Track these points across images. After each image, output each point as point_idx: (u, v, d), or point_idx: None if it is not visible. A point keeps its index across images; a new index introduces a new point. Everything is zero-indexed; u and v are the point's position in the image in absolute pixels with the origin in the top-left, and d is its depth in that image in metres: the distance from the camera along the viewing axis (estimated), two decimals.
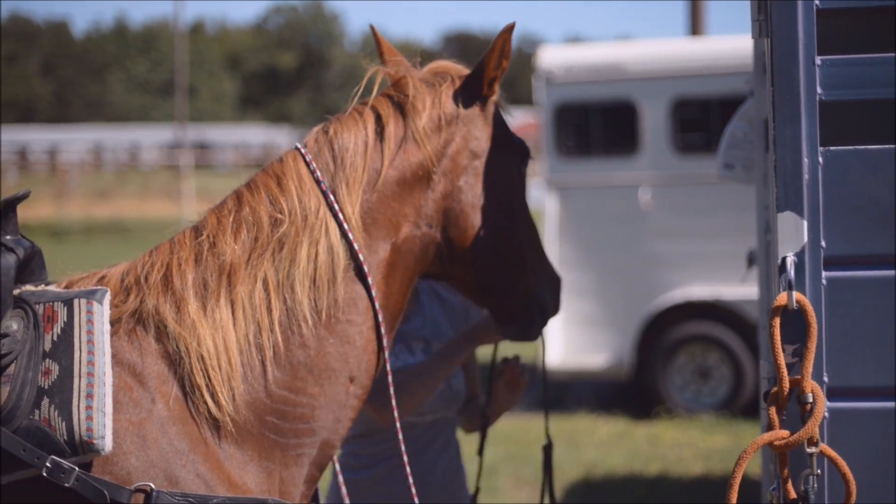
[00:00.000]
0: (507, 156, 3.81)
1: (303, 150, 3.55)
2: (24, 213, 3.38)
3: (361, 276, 3.48)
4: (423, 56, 3.89)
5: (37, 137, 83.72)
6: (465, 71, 3.79)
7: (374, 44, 3.94)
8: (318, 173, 3.49)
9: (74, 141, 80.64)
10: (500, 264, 3.78)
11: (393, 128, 3.59)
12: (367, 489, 4.53)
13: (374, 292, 3.49)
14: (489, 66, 3.69)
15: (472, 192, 3.69)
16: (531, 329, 3.97)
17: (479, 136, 3.72)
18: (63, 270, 3.52)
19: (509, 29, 3.64)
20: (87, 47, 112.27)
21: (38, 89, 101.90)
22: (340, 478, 3.97)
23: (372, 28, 3.96)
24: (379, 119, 3.60)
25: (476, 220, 3.69)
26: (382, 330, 3.53)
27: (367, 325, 3.50)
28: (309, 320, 3.39)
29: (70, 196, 44.67)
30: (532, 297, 3.90)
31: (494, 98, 3.80)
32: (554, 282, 3.99)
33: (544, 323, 3.99)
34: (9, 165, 57.98)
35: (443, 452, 4.70)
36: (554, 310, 4.01)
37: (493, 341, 4.39)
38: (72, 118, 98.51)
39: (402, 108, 3.63)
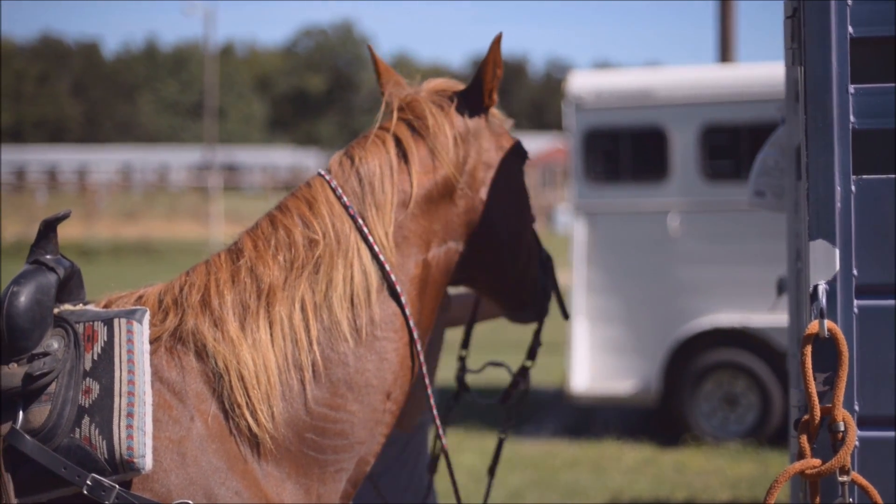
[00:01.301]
0: (512, 158, 3.95)
1: (327, 177, 3.64)
2: None
3: (395, 294, 3.56)
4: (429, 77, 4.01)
5: (66, 157, 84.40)
6: (461, 86, 3.92)
7: (372, 63, 4.03)
8: (345, 199, 3.58)
9: (104, 161, 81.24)
10: (516, 262, 3.97)
11: (415, 151, 3.71)
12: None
13: (408, 310, 3.57)
14: (486, 79, 3.83)
15: (491, 202, 3.82)
16: (542, 311, 4.21)
17: (488, 146, 3.86)
18: (93, 290, 3.54)
19: (497, 40, 3.78)
20: (118, 68, 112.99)
21: (68, 110, 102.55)
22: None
23: (369, 48, 4.05)
24: (399, 143, 3.71)
25: (496, 227, 3.84)
26: (419, 346, 3.62)
27: (402, 342, 3.57)
28: (348, 339, 3.46)
29: (99, 216, 44.83)
30: (538, 284, 4.12)
31: (494, 107, 3.94)
32: (548, 261, 4.19)
33: (548, 301, 4.21)
34: (38, 185, 58.30)
35: (426, 456, 4.74)
36: (553, 288, 4.22)
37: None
38: (101, 139, 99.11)
39: (419, 132, 3.74)
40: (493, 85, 3.84)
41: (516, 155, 3.96)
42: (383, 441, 3.61)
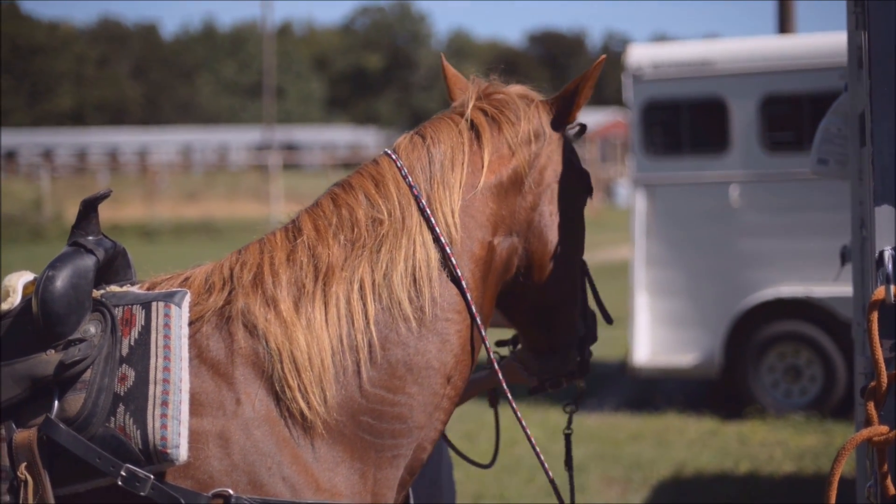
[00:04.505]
0: (578, 186, 3.83)
1: (394, 156, 3.55)
2: (114, 213, 3.39)
3: (456, 276, 3.44)
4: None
5: (127, 139, 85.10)
6: (541, 96, 3.81)
7: (442, 74, 3.96)
8: (410, 178, 3.48)
9: (164, 142, 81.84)
10: (563, 289, 3.79)
11: (488, 135, 3.60)
12: None
13: (469, 294, 3.44)
14: (582, 95, 3.72)
15: (551, 210, 3.68)
16: (567, 361, 3.94)
17: (558, 159, 3.72)
18: (154, 270, 3.50)
19: (602, 62, 3.72)
20: (177, 50, 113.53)
21: (128, 92, 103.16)
22: None
23: (442, 58, 3.99)
24: (473, 126, 3.61)
25: (553, 237, 3.68)
26: (483, 331, 3.49)
27: (465, 325, 3.45)
28: (410, 318, 3.35)
29: (160, 197, 45.09)
30: (575, 331, 3.90)
31: (571, 127, 3.83)
32: (591, 316, 3.99)
33: (580, 355, 3.96)
34: (100, 167, 58.77)
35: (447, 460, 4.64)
36: (591, 340, 4.00)
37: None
38: (161, 120, 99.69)
39: (494, 119, 3.64)
40: (584, 102, 3.75)
41: (581, 183, 3.84)
42: (442, 429, 3.51)
